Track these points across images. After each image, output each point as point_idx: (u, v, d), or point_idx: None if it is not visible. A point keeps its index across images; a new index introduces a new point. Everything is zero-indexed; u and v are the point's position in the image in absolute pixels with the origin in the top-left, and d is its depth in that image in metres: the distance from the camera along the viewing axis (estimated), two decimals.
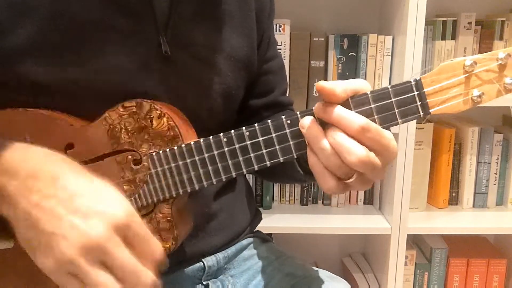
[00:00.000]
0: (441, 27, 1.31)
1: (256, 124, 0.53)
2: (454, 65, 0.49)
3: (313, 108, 0.51)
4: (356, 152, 0.48)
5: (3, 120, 0.58)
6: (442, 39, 1.32)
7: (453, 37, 1.32)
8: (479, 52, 1.34)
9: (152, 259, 0.47)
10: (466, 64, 0.48)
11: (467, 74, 0.49)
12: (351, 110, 0.50)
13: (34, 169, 0.48)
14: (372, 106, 0.50)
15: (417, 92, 0.49)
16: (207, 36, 0.66)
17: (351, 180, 0.50)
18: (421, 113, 0.50)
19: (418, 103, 0.50)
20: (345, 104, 0.50)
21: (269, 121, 0.53)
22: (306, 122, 0.51)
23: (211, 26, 0.66)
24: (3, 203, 0.47)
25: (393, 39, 1.29)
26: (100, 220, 0.44)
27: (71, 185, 0.47)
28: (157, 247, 0.47)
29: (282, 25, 1.29)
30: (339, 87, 0.49)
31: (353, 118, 0.48)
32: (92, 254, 0.43)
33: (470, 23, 1.31)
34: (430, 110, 0.50)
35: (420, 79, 0.49)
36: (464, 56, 1.32)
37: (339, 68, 1.33)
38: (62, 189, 0.46)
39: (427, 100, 0.49)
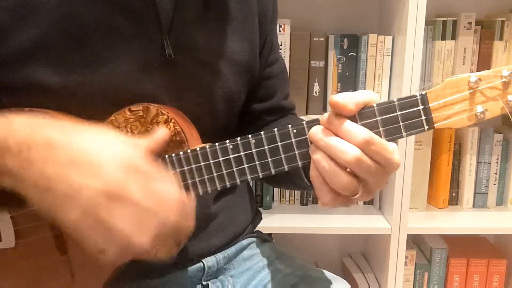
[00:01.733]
0: (441, 27, 1.31)
1: (262, 132, 0.54)
2: (459, 81, 0.50)
3: (319, 118, 0.52)
4: (350, 150, 0.49)
5: None
6: (442, 39, 1.32)
7: (453, 37, 1.32)
8: (479, 52, 1.34)
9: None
10: (471, 80, 0.49)
11: (471, 90, 0.49)
12: (357, 122, 0.50)
13: (25, 141, 0.47)
14: (378, 118, 0.50)
15: (422, 106, 0.50)
16: (209, 40, 0.65)
17: (358, 195, 0.51)
18: (426, 127, 0.50)
19: (423, 118, 0.50)
20: (352, 116, 0.51)
21: (275, 129, 0.53)
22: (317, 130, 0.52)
23: (214, 30, 0.66)
24: (5, 177, 0.47)
25: (393, 39, 1.29)
26: (104, 169, 0.45)
27: (66, 145, 0.47)
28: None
29: (282, 25, 1.29)
30: (352, 102, 0.50)
31: (358, 131, 0.49)
32: (107, 200, 0.45)
33: (470, 23, 1.31)
34: (435, 125, 0.50)
35: (426, 93, 0.50)
36: (464, 56, 1.33)
37: (339, 68, 1.33)
38: (59, 151, 0.46)
39: (432, 115, 0.50)
